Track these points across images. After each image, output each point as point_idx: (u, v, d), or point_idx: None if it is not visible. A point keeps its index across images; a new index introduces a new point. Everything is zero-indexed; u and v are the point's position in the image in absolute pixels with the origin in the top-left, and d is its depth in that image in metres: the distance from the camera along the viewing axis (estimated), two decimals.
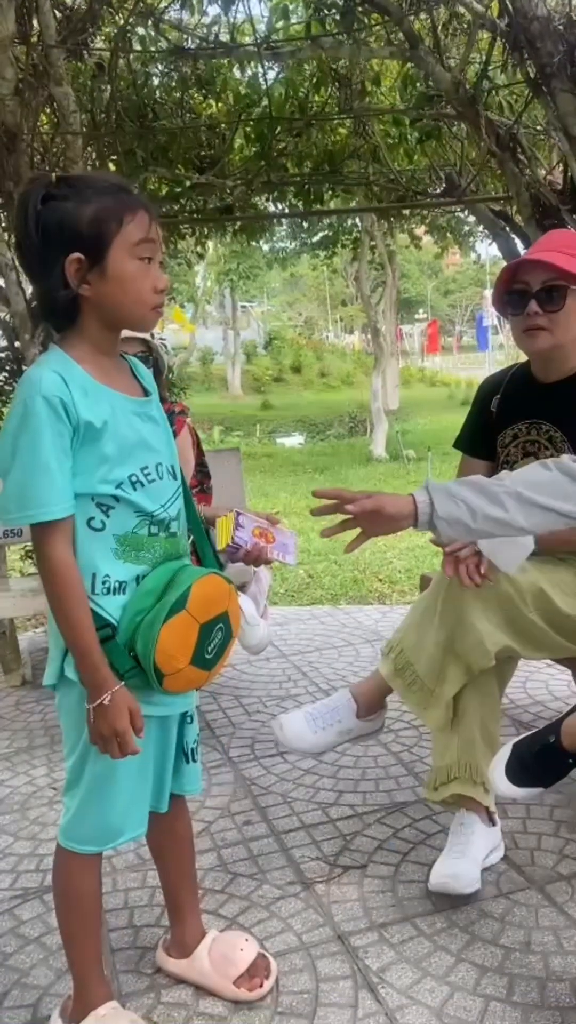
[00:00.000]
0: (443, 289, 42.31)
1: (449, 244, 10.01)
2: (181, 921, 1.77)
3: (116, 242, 1.36)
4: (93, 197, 1.36)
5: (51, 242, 1.35)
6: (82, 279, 1.37)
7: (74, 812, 1.55)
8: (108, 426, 1.39)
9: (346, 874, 2.12)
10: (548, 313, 2.01)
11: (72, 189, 1.37)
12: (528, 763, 1.88)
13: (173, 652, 1.41)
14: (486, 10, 3.25)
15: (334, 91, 4.01)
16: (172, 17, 3.96)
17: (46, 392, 1.33)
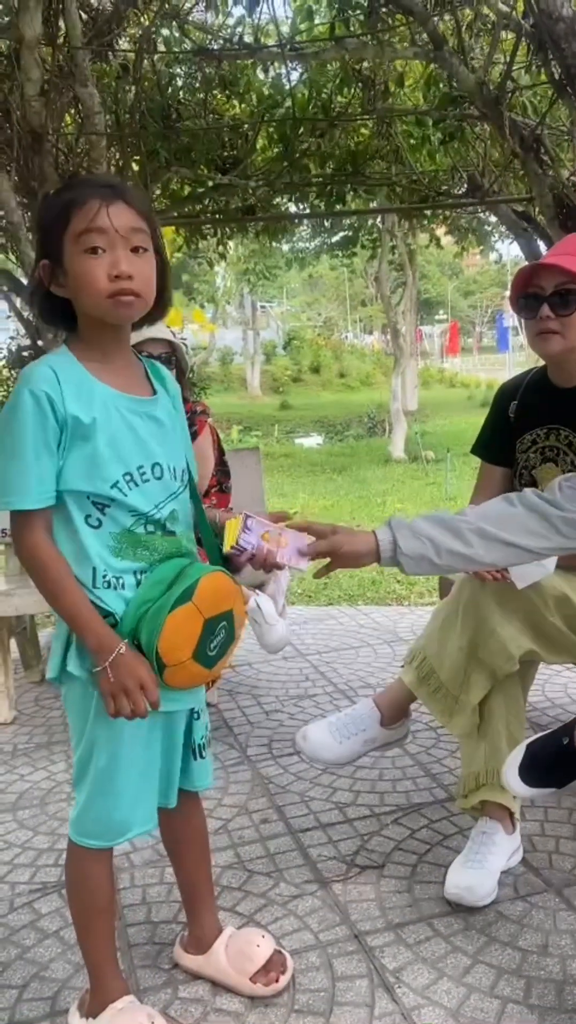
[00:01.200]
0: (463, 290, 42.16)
1: (471, 244, 9.97)
2: (197, 917, 1.78)
3: (66, 240, 1.39)
4: (50, 201, 1.42)
5: (37, 249, 1.46)
6: (51, 282, 1.42)
7: (81, 806, 1.56)
8: (98, 423, 1.39)
9: (363, 874, 2.12)
10: (560, 317, 2.00)
11: (51, 196, 1.44)
12: (542, 763, 1.88)
13: (177, 643, 1.41)
14: (511, 11, 3.24)
15: (357, 92, 4.01)
16: (196, 18, 3.97)
17: (34, 387, 1.36)
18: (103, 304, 1.39)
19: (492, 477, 2.31)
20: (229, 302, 28.08)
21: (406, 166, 4.23)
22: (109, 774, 1.52)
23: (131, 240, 1.38)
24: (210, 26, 4.02)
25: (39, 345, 3.96)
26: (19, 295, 3.95)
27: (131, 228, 1.38)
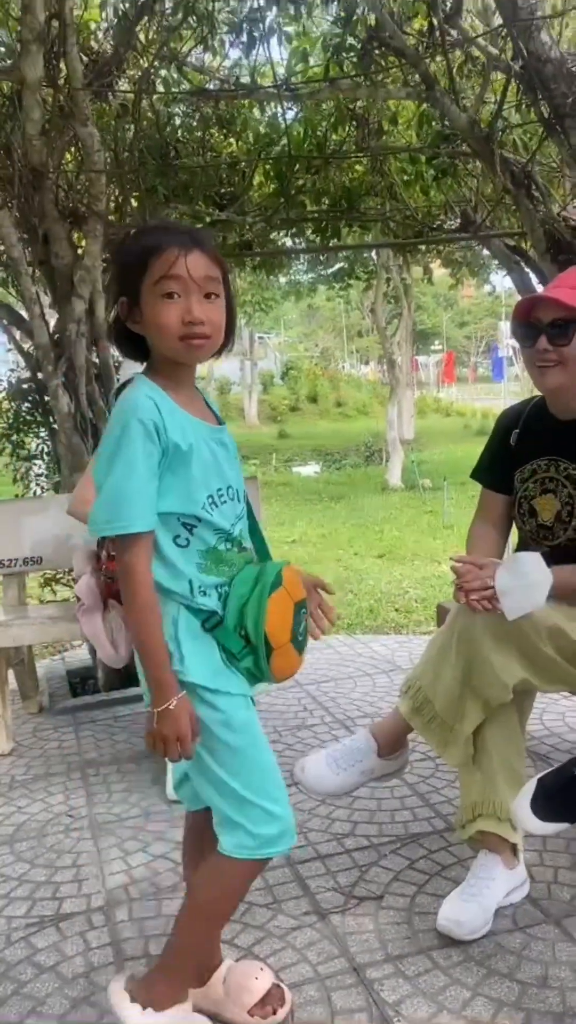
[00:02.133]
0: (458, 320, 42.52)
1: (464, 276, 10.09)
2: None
3: (144, 283, 1.47)
4: (136, 243, 1.51)
5: (114, 287, 1.54)
6: (128, 317, 1.51)
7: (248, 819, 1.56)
8: (193, 449, 1.49)
9: (362, 905, 2.12)
10: (558, 347, 2.04)
11: (132, 238, 1.54)
12: (554, 797, 1.88)
13: (280, 624, 1.55)
14: (500, 53, 3.32)
15: (351, 130, 4.09)
16: (194, 60, 4.06)
17: (143, 416, 1.44)
18: (176, 345, 1.48)
19: (493, 503, 2.33)
20: None
21: (400, 202, 4.30)
22: (265, 769, 1.59)
23: (205, 287, 1.48)
24: (207, 67, 4.12)
25: (39, 377, 4.00)
26: (19, 328, 4.00)
27: (206, 276, 1.47)
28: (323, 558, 7.42)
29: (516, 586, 1.94)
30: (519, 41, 2.96)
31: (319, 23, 4.08)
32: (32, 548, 3.63)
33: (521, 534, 2.31)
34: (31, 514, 3.67)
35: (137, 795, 2.81)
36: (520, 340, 2.13)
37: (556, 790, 1.89)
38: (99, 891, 2.27)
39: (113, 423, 1.47)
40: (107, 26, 3.94)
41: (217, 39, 3.91)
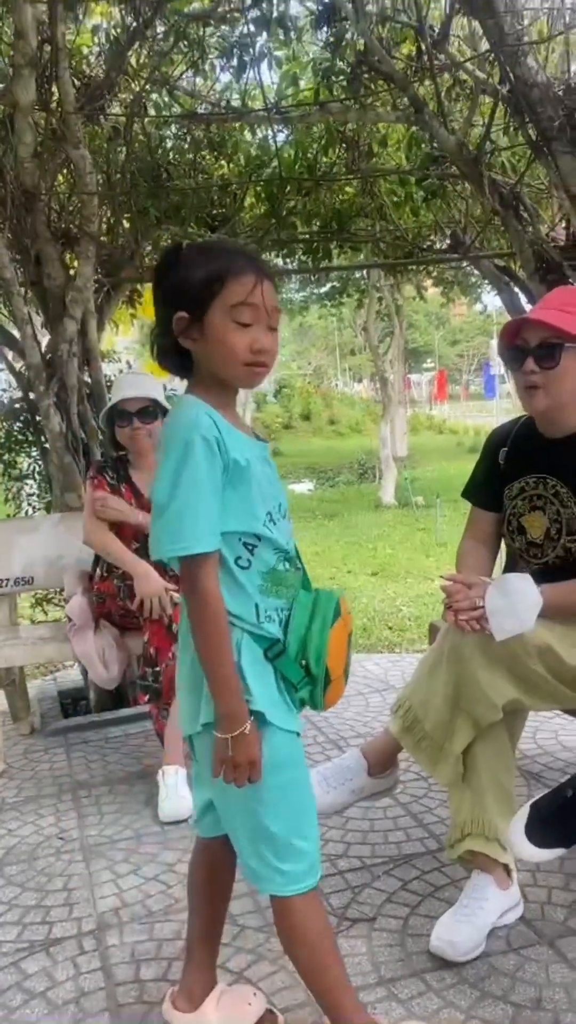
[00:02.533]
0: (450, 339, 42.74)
1: (455, 295, 10.18)
2: (200, 967, 1.73)
3: (215, 304, 1.46)
4: (206, 262, 1.48)
5: (167, 299, 1.49)
6: (183, 333, 1.48)
7: (278, 856, 1.54)
8: (251, 465, 1.48)
9: (355, 927, 2.10)
10: (544, 370, 2.05)
11: (186, 256, 1.50)
12: (549, 821, 1.88)
13: (338, 656, 1.55)
14: (488, 77, 3.37)
15: (342, 152, 4.13)
16: (186, 84, 4.10)
17: (205, 432, 1.42)
18: (239, 372, 1.49)
19: (482, 521, 2.34)
20: None
21: (390, 223, 4.34)
22: (304, 809, 1.58)
23: (272, 319, 1.49)
24: (198, 91, 4.16)
25: (30, 397, 4.01)
26: (11, 348, 4.02)
27: (274, 308, 1.50)
28: (317, 576, 7.42)
29: (505, 607, 1.94)
30: (506, 66, 3.00)
31: (309, 48, 4.13)
32: (24, 568, 3.63)
33: (511, 551, 2.32)
34: (23, 534, 3.67)
35: (129, 817, 2.79)
36: (508, 363, 2.15)
37: (551, 815, 1.89)
38: (90, 915, 2.25)
39: (172, 441, 1.44)
40: (99, 51, 3.98)
41: (208, 63, 3.95)
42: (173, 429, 1.46)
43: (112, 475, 3.20)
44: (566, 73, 3.06)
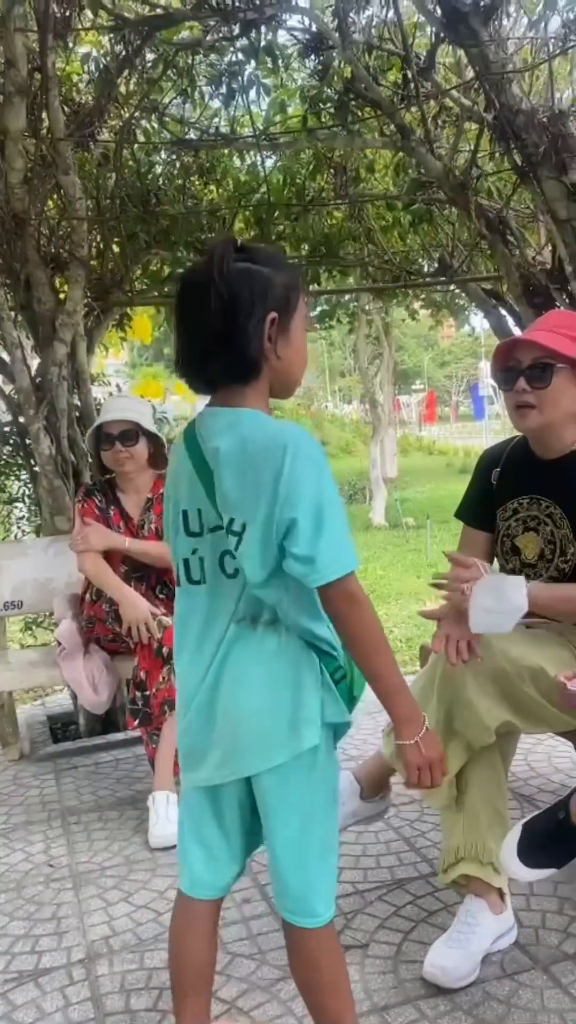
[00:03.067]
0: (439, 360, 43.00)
1: (444, 317, 10.25)
2: (197, 996, 1.67)
3: (298, 311, 1.45)
4: (283, 266, 1.46)
5: (254, 297, 1.39)
6: (272, 336, 1.43)
7: (314, 885, 1.52)
8: None
9: (347, 954, 2.08)
10: (536, 390, 2.07)
11: (258, 255, 1.44)
12: (540, 843, 1.87)
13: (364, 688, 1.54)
14: (473, 104, 3.41)
15: (330, 178, 4.18)
16: (175, 110, 4.14)
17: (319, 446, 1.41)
18: (298, 383, 1.51)
19: (475, 541, 2.34)
20: None
21: (378, 247, 4.38)
22: (333, 837, 1.56)
23: None
24: (187, 118, 4.20)
25: (20, 421, 4.01)
26: (1, 372, 4.02)
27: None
28: None
29: (491, 606, 1.94)
30: (491, 93, 3.05)
31: (297, 75, 4.18)
32: (13, 592, 3.62)
33: (503, 571, 2.32)
34: (12, 558, 3.65)
35: (119, 844, 2.76)
36: (500, 384, 2.16)
37: (542, 835, 1.88)
38: (79, 944, 2.22)
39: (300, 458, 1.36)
40: (89, 78, 4.02)
41: (197, 91, 3.99)
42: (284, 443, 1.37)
43: (101, 499, 3.19)
44: (550, 100, 3.10)
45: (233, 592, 1.46)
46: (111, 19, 3.60)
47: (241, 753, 1.47)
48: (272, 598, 1.44)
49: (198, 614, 1.50)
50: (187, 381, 1.49)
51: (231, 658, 1.46)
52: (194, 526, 1.50)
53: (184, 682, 1.54)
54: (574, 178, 2.96)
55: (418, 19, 3.66)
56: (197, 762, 1.53)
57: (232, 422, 1.43)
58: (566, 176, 2.96)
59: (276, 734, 1.45)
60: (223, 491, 1.42)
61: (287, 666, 1.45)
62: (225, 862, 1.60)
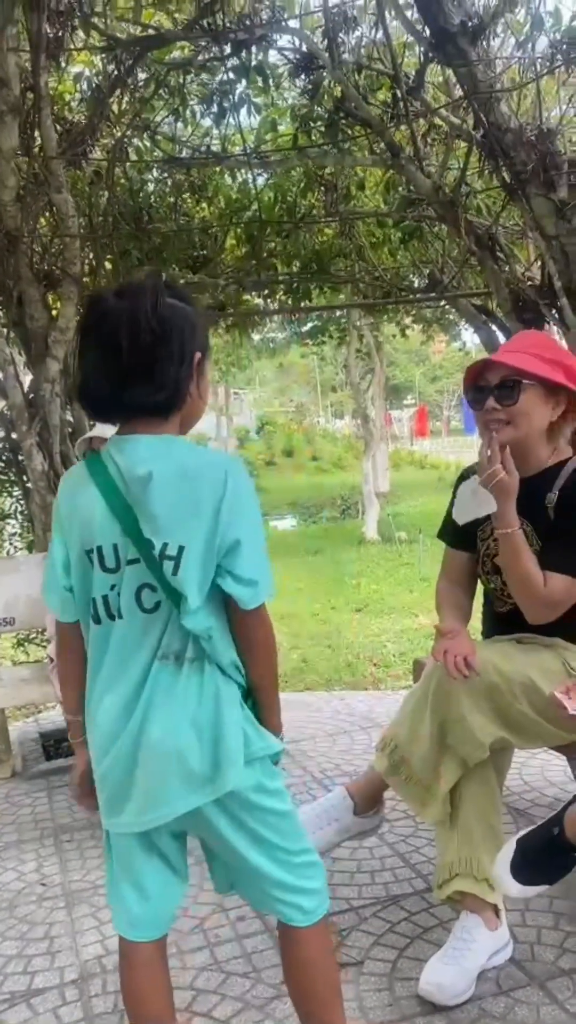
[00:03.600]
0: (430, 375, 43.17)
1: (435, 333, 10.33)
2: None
3: (207, 354, 1.49)
4: (199, 308, 1.53)
5: (185, 336, 1.44)
6: (195, 375, 1.48)
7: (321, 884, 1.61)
8: None
9: (342, 971, 2.06)
10: (505, 407, 2.08)
11: (184, 295, 1.48)
12: (533, 859, 1.87)
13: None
14: (462, 122, 3.45)
15: (320, 195, 4.21)
16: (167, 129, 4.18)
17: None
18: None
19: (456, 562, 2.35)
20: None
21: (369, 264, 4.41)
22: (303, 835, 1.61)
23: None
24: (179, 136, 4.23)
25: (12, 437, 4.02)
26: None
27: None
28: (300, 613, 7.39)
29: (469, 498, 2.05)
30: (480, 112, 3.08)
31: (287, 94, 4.22)
32: (5, 608, 3.61)
33: (486, 590, 2.33)
34: (4, 574, 3.65)
35: None
36: (471, 403, 2.19)
37: (535, 852, 1.88)
38: (73, 963, 2.20)
39: (240, 483, 1.43)
40: (81, 97, 4.05)
41: (188, 110, 4.03)
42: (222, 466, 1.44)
43: None
44: (538, 119, 3.14)
45: (153, 628, 1.45)
46: (103, 39, 3.63)
47: (168, 796, 1.45)
48: (204, 626, 1.44)
49: (112, 652, 1.47)
50: (95, 407, 1.49)
51: (157, 701, 1.44)
52: (110, 562, 1.46)
53: (101, 725, 1.49)
54: (562, 195, 2.99)
55: (407, 39, 3.70)
56: (119, 808, 1.49)
57: (164, 447, 1.45)
58: (554, 193, 2.99)
59: (200, 775, 1.44)
60: (154, 516, 1.41)
61: (210, 705, 1.45)
62: (162, 898, 1.58)
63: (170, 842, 1.56)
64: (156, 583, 1.43)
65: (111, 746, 1.46)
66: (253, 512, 1.45)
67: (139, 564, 1.43)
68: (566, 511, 2.09)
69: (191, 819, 1.48)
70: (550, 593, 2.02)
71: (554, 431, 2.14)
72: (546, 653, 2.10)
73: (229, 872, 1.61)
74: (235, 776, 1.44)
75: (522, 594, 2.07)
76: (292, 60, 3.65)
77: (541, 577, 2.02)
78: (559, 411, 2.11)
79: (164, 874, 1.57)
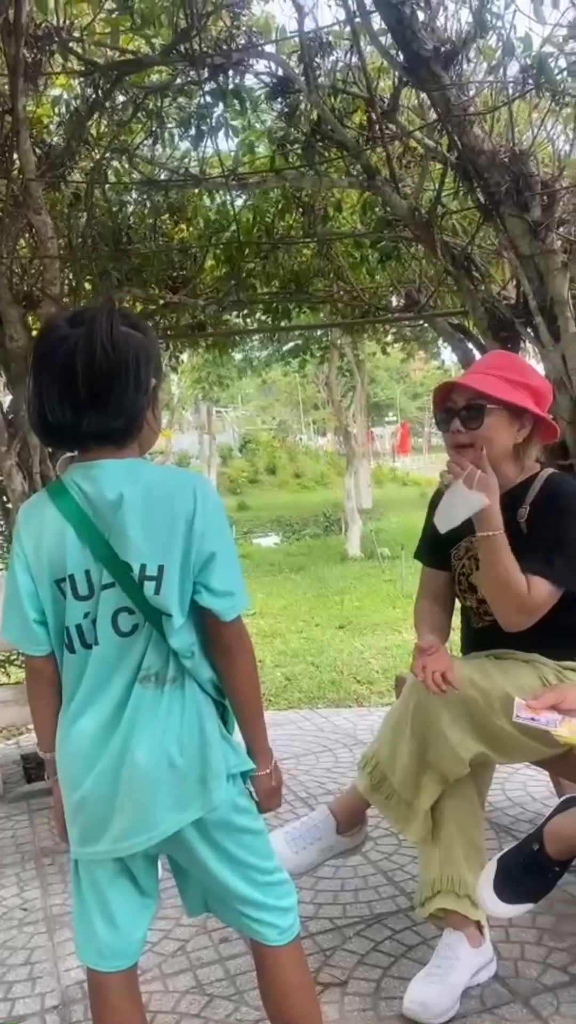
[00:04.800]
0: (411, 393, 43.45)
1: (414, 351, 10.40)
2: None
3: (158, 379, 1.50)
4: (151, 334, 1.52)
5: (140, 364, 1.44)
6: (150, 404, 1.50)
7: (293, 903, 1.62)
8: None
9: (326, 992, 2.06)
10: (470, 430, 2.11)
11: (137, 322, 1.50)
12: (515, 876, 1.87)
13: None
14: (437, 145, 3.50)
15: (298, 217, 4.25)
16: (145, 151, 4.21)
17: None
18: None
19: (433, 581, 2.37)
20: (185, 408, 28.59)
21: (347, 283, 4.45)
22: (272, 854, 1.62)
23: None
24: (158, 158, 4.26)
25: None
26: None
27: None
28: (283, 630, 7.38)
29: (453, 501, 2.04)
30: (454, 135, 3.13)
31: (264, 117, 4.26)
32: None
33: (463, 608, 2.35)
34: None
35: None
36: (439, 425, 2.21)
37: (517, 869, 1.88)
38: (54, 989, 2.18)
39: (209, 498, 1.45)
40: (59, 120, 4.08)
41: (167, 133, 4.06)
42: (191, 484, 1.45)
43: None
44: (511, 141, 3.19)
45: (131, 651, 1.45)
46: (81, 64, 3.66)
47: (155, 818, 1.44)
48: (186, 643, 1.45)
49: (88, 678, 1.46)
50: (50, 435, 1.49)
51: (139, 724, 1.43)
52: (83, 589, 1.46)
53: (77, 749, 1.47)
54: (535, 215, 3.04)
55: (381, 63, 3.75)
56: (96, 835, 1.47)
57: (130, 470, 1.45)
58: (528, 214, 3.04)
59: (188, 793, 1.45)
60: (129, 539, 1.41)
61: (194, 723, 1.46)
62: (132, 925, 1.56)
63: (144, 864, 1.55)
64: (134, 606, 1.43)
65: (90, 771, 1.45)
66: (223, 525, 1.46)
67: (115, 588, 1.43)
68: (540, 522, 2.11)
69: (169, 841, 1.48)
70: (533, 598, 2.03)
71: (519, 452, 2.17)
72: (524, 668, 2.12)
73: (203, 892, 1.60)
74: (221, 791, 1.46)
75: (502, 600, 2.07)
76: (269, 84, 3.69)
77: (524, 581, 2.02)
78: (524, 433, 2.14)
79: (134, 900, 1.56)
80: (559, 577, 2.04)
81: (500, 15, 3.03)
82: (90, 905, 1.54)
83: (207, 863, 1.51)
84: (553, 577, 2.03)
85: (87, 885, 1.54)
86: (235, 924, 1.64)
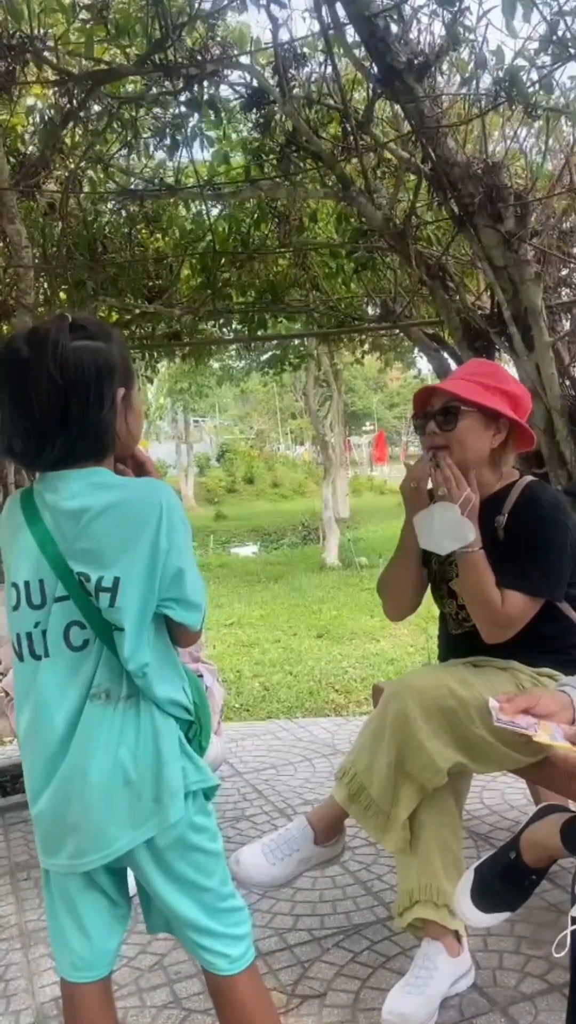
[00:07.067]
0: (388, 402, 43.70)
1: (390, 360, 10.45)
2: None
3: (133, 387, 1.47)
4: (114, 336, 1.47)
5: (102, 378, 1.40)
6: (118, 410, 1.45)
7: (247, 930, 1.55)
8: None
9: (304, 1004, 2.05)
10: (445, 432, 2.13)
11: (94, 330, 1.44)
12: (492, 885, 1.87)
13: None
14: (411, 156, 3.53)
15: (274, 226, 4.25)
16: (120, 161, 4.20)
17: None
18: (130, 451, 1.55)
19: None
20: (162, 418, 28.54)
21: (323, 293, 4.47)
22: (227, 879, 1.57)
23: None
24: (133, 168, 4.26)
25: None
26: None
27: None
28: (261, 640, 7.37)
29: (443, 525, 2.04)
30: (427, 146, 3.15)
31: (239, 127, 4.27)
32: None
33: (441, 613, 2.35)
34: None
35: None
36: (416, 429, 2.23)
37: (494, 878, 1.89)
38: (29, 1006, 2.15)
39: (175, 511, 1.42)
40: (34, 130, 4.06)
41: (142, 143, 4.06)
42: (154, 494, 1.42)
43: None
44: (484, 153, 3.22)
45: (82, 666, 1.43)
46: (56, 73, 3.65)
47: (107, 836, 1.42)
48: (141, 663, 1.40)
49: (38, 692, 1.44)
50: (22, 461, 1.48)
51: (92, 741, 1.41)
52: (36, 598, 1.44)
53: (32, 765, 1.46)
54: (509, 226, 3.07)
55: (356, 75, 3.78)
56: (54, 849, 1.47)
57: (95, 481, 1.43)
58: (501, 224, 3.07)
59: (143, 811, 1.42)
60: (87, 550, 1.39)
61: (149, 741, 1.43)
62: (104, 936, 1.54)
63: (108, 878, 1.53)
64: (85, 620, 1.41)
65: (45, 787, 1.43)
66: (187, 537, 1.45)
67: (68, 601, 1.42)
68: (517, 529, 2.12)
69: (126, 857, 1.46)
70: (508, 612, 2.04)
71: (496, 457, 2.18)
72: (502, 676, 2.12)
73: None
74: (176, 809, 1.43)
75: (482, 615, 2.09)
76: (244, 95, 3.70)
77: (498, 596, 2.04)
78: (500, 438, 2.15)
79: (105, 910, 1.54)
80: (533, 588, 2.06)
81: (472, 28, 3.06)
82: (62, 915, 1.52)
83: (156, 886, 1.47)
84: (527, 589, 2.05)
85: (59, 895, 1.52)
86: (187, 949, 1.59)
